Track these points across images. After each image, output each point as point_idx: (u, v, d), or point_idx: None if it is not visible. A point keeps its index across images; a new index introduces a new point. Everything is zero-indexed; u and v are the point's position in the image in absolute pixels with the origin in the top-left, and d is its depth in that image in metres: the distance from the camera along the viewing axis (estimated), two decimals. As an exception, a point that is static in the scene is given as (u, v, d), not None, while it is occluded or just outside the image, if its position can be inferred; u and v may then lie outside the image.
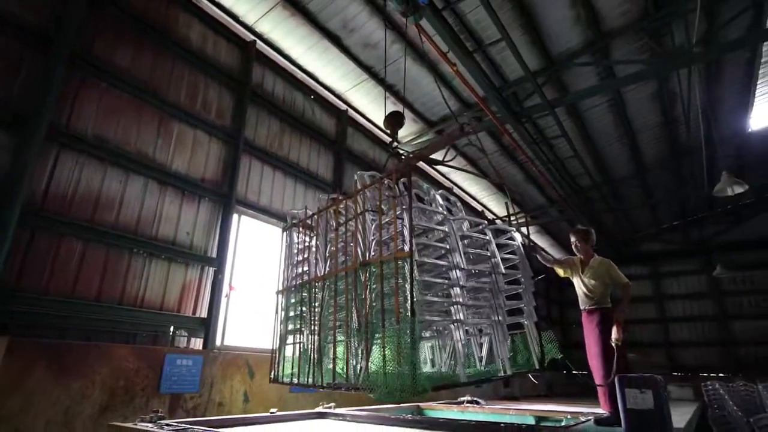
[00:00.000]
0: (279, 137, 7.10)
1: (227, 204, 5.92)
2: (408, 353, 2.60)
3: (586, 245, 4.57)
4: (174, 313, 5.15)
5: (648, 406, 3.10)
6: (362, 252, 3.30)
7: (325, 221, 3.90)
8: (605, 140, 11.34)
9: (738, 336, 15.68)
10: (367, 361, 2.99)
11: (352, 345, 3.21)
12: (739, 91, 10.65)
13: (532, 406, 6.17)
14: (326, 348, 3.54)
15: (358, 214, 3.40)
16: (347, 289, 3.35)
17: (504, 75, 8.62)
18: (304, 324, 3.87)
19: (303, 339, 3.87)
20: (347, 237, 3.56)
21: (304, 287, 3.97)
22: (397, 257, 2.94)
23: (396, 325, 2.77)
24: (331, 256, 3.76)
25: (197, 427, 3.00)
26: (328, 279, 3.64)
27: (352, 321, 3.24)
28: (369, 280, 3.14)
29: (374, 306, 3.08)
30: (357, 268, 3.27)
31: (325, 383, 3.42)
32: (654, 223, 17.57)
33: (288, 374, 4.00)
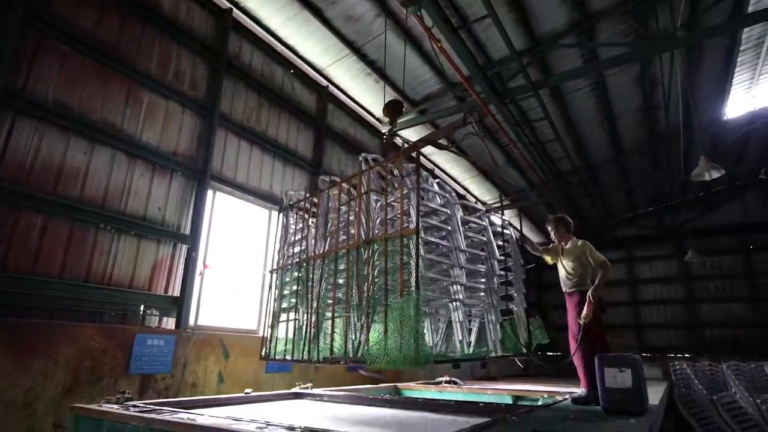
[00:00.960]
0: (256, 112, 6.83)
1: (201, 179, 5.68)
2: (413, 324, 2.71)
3: (562, 231, 4.71)
4: (144, 291, 4.94)
5: (626, 385, 3.10)
6: (365, 230, 3.39)
7: (326, 201, 3.97)
8: (586, 124, 11.38)
9: (704, 318, 16.27)
10: (368, 334, 3.09)
11: (352, 320, 3.31)
12: (718, 79, 10.78)
13: (509, 386, 6.24)
14: (324, 324, 3.62)
15: (363, 193, 3.48)
16: (348, 266, 3.43)
17: (489, 54, 8.48)
18: (301, 301, 3.92)
19: (299, 316, 3.93)
20: (349, 217, 3.66)
21: (301, 266, 4.02)
22: (403, 234, 3.04)
23: (399, 299, 2.88)
24: (330, 236, 3.85)
25: (165, 408, 2.87)
26: (328, 257, 3.71)
27: (352, 297, 3.33)
28: (372, 257, 3.23)
29: (376, 282, 3.18)
30: (360, 245, 3.35)
31: (322, 358, 3.49)
32: (629, 209, 17.92)
33: (281, 351, 4.06)
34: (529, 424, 2.57)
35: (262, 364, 5.69)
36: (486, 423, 2.51)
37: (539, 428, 2.44)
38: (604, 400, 3.15)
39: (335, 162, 8.36)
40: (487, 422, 2.53)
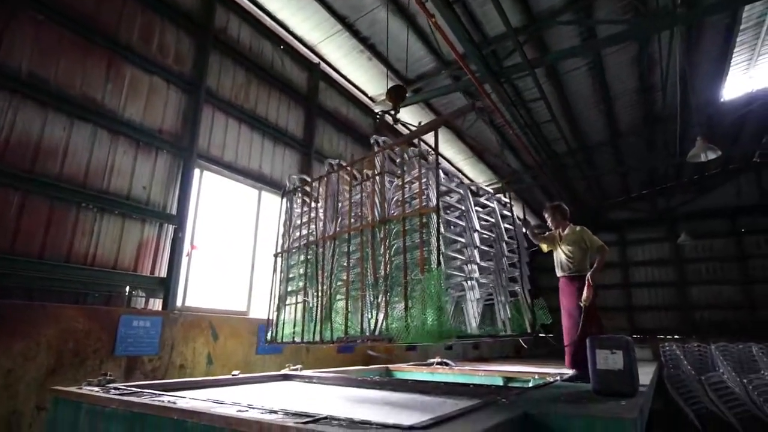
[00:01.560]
0: (245, 89, 6.63)
1: (188, 158, 5.52)
2: (436, 300, 2.76)
3: (559, 219, 4.78)
4: (130, 272, 4.83)
5: (618, 367, 3.06)
6: (379, 211, 3.42)
7: (336, 184, 3.96)
8: (583, 105, 11.23)
9: (695, 301, 16.44)
10: (386, 312, 3.14)
11: (368, 299, 3.35)
12: (717, 59, 10.62)
13: (500, 367, 6.24)
14: (336, 305, 3.65)
15: (376, 174, 3.51)
16: (362, 246, 3.47)
17: (484, 31, 8.27)
18: (310, 284, 3.94)
19: (309, 298, 3.94)
20: (363, 197, 3.69)
21: (309, 248, 4.03)
22: (422, 212, 3.09)
23: (421, 276, 2.93)
24: (341, 216, 3.86)
25: (146, 391, 2.79)
26: (339, 238, 3.73)
27: (367, 276, 3.37)
28: (388, 237, 3.29)
29: (393, 261, 3.24)
30: (375, 225, 3.39)
31: (336, 338, 3.52)
32: (623, 192, 17.91)
33: (289, 333, 4.05)
34: (519, 406, 2.52)
35: (252, 345, 5.65)
36: (475, 405, 2.45)
37: (529, 410, 2.38)
38: (594, 382, 3.12)
39: (327, 142, 8.20)
40: (476, 404, 2.48)
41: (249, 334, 5.63)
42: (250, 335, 5.64)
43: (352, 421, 1.95)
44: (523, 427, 2.32)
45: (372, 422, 1.93)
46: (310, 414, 2.08)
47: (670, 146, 13.61)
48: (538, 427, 2.33)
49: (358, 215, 3.70)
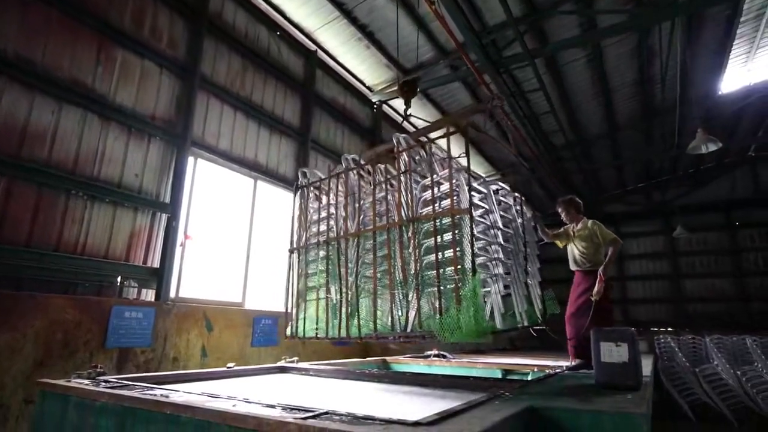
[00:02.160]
0: (241, 75, 6.47)
1: (182, 145, 5.38)
2: (472, 299, 2.87)
3: (573, 213, 4.77)
4: (122, 262, 4.71)
5: (623, 359, 2.99)
6: (406, 210, 3.45)
7: (357, 180, 3.97)
8: (582, 97, 11.14)
9: (688, 293, 16.52)
10: (418, 310, 3.18)
11: (397, 297, 3.39)
12: (716, 52, 10.55)
13: (498, 359, 6.20)
14: (364, 302, 3.68)
15: (402, 172, 3.54)
16: (389, 244, 3.48)
17: (484, 20, 8.13)
18: (332, 280, 3.94)
19: (332, 294, 3.94)
20: (387, 196, 3.71)
21: (330, 244, 4.02)
22: (454, 213, 3.16)
23: (455, 276, 3.01)
24: (363, 213, 3.88)
25: (138, 384, 2.69)
26: (363, 235, 3.74)
27: (396, 274, 3.41)
28: (417, 235, 3.34)
29: (423, 260, 3.27)
30: (402, 224, 3.42)
31: (363, 335, 3.57)
32: (619, 185, 17.90)
33: (311, 329, 4.08)
34: (524, 399, 2.45)
35: (248, 337, 5.57)
36: (479, 399, 2.38)
37: (534, 404, 2.31)
38: (599, 375, 3.05)
39: (323, 131, 8.06)
40: (480, 398, 2.40)
41: (244, 325, 5.54)
42: (246, 327, 5.55)
43: (354, 417, 1.86)
44: (529, 422, 2.25)
45: (375, 417, 1.84)
46: (309, 408, 1.99)
47: (668, 139, 13.57)
48: (543, 422, 2.26)
49: (380, 213, 3.73)
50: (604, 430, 2.15)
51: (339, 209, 4.09)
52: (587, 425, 2.18)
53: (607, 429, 2.13)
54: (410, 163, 3.55)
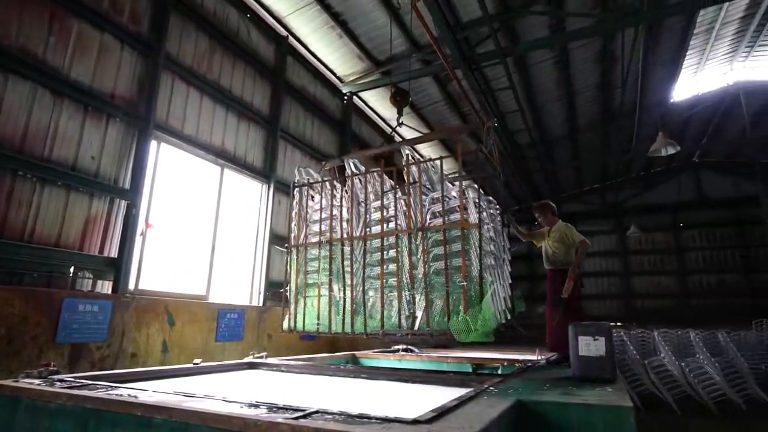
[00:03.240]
0: (208, 58, 6.14)
1: (144, 128, 5.03)
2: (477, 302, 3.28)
3: (548, 216, 5.00)
4: (75, 251, 4.35)
5: (600, 353, 3.06)
6: (415, 219, 3.79)
7: (365, 186, 4.22)
8: (547, 97, 11.43)
9: (636, 290, 17.46)
10: (427, 310, 3.52)
11: (404, 298, 3.69)
12: (671, 61, 11.11)
13: (467, 353, 6.25)
14: (372, 300, 3.93)
15: (411, 184, 3.91)
16: (398, 250, 3.82)
17: (458, 15, 8.12)
18: (336, 278, 4.16)
19: (336, 292, 4.15)
20: (397, 204, 3.99)
21: (333, 244, 4.24)
22: (464, 227, 3.54)
23: (464, 283, 3.40)
24: (368, 216, 4.14)
25: (99, 383, 2.46)
26: (371, 239, 4.02)
27: (404, 277, 3.73)
28: (426, 244, 3.69)
29: (431, 266, 3.62)
30: (411, 232, 3.77)
31: (369, 331, 3.82)
32: (577, 185, 18.62)
33: (312, 324, 4.25)
34: (510, 394, 2.44)
35: (212, 331, 5.32)
36: (469, 394, 2.33)
37: (523, 399, 2.30)
38: (576, 368, 3.10)
39: (293, 120, 7.82)
40: (469, 393, 2.36)
41: (208, 319, 5.29)
42: (210, 321, 5.30)
43: (348, 415, 1.76)
44: (519, 416, 2.23)
45: (371, 415, 1.75)
46: (297, 407, 1.87)
47: (624, 143, 14.20)
48: (532, 415, 2.25)
49: (387, 218, 4.04)
50: (592, 422, 2.16)
51: (342, 211, 4.30)
52: (575, 418, 2.19)
53: (596, 421, 2.15)
54: (420, 175, 3.87)
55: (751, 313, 13.25)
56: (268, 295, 6.55)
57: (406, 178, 3.95)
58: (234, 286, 6.21)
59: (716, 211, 17.02)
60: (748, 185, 16.51)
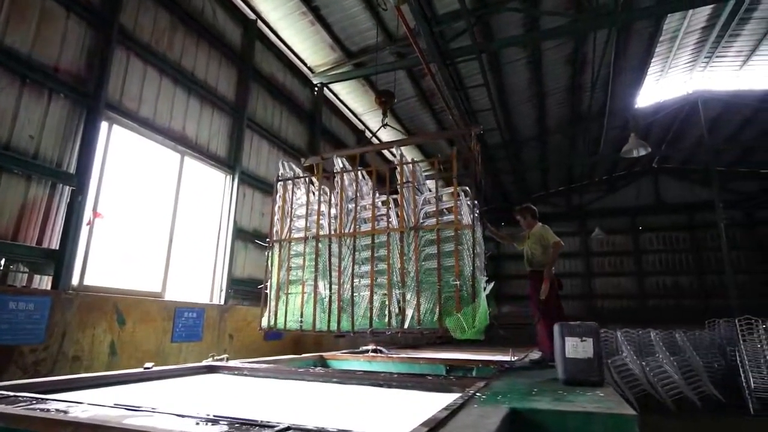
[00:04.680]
0: (169, 36, 5.67)
1: (93, 107, 4.54)
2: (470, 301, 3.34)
3: (529, 219, 5.10)
4: (7, 241, 3.83)
5: (588, 355, 2.91)
6: (407, 218, 3.82)
7: (355, 183, 4.19)
8: (518, 98, 11.46)
9: (597, 290, 17.93)
10: (418, 309, 3.54)
11: (394, 296, 3.69)
12: (638, 67, 11.38)
13: (439, 354, 6.06)
14: (359, 298, 3.90)
15: (405, 182, 3.93)
16: (389, 248, 3.82)
17: (434, 8, 7.95)
18: (322, 275, 4.08)
19: (321, 289, 4.06)
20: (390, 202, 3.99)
21: (320, 241, 4.18)
22: (457, 228, 3.61)
23: (457, 282, 3.45)
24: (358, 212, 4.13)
25: (23, 395, 2.06)
26: (361, 237, 4.00)
27: (394, 276, 3.73)
28: (419, 242, 3.72)
29: (423, 265, 3.67)
30: (404, 231, 3.80)
31: (357, 329, 3.81)
32: (543, 187, 18.95)
33: (294, 321, 4.16)
34: (500, 401, 2.23)
35: (167, 332, 4.88)
36: (457, 402, 2.10)
37: (517, 407, 2.09)
38: (563, 371, 2.94)
39: (261, 109, 7.41)
40: (457, 401, 2.13)
41: (163, 319, 4.85)
42: (165, 320, 4.86)
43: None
44: (514, 427, 2.02)
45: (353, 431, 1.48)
46: (265, 423, 1.58)
47: (590, 146, 14.51)
48: (529, 425, 2.04)
49: (377, 216, 4.03)
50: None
51: (330, 207, 4.25)
52: (574, 427, 2.00)
53: (597, 431, 1.96)
54: (414, 176, 3.90)
55: (704, 313, 13.81)
56: (230, 292, 6.13)
57: (399, 177, 3.96)
58: (193, 283, 5.77)
59: (672, 215, 17.71)
60: (702, 191, 17.29)
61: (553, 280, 4.62)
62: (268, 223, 7.22)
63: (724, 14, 9.93)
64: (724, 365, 10.62)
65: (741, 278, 14.97)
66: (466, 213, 3.66)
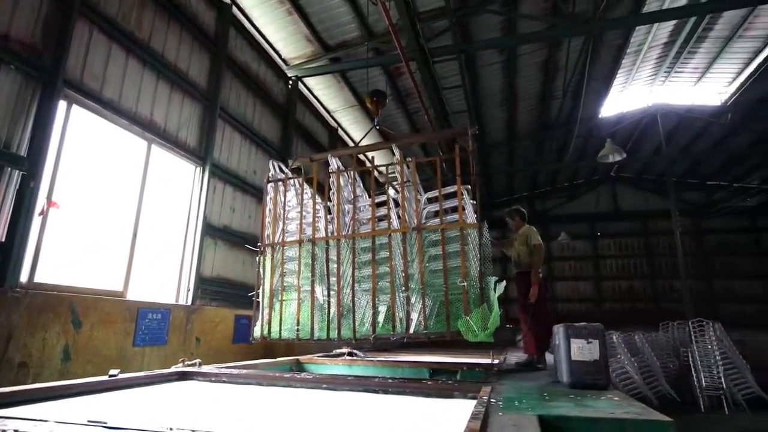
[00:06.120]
0: (137, 13, 5.21)
1: (50, 83, 4.06)
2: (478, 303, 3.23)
3: (518, 221, 5.10)
4: (-56, 230, 3.33)
5: (594, 357, 2.82)
6: (409, 218, 3.71)
7: (353, 185, 4.06)
8: (491, 101, 11.56)
9: (558, 294, 18.42)
10: (424, 312, 3.41)
11: (398, 300, 3.54)
12: (605, 77, 11.77)
13: (421, 357, 5.90)
14: (361, 303, 3.76)
15: (405, 182, 3.83)
16: (391, 250, 3.68)
17: (415, 6, 7.82)
18: (320, 280, 3.91)
19: (319, 294, 3.89)
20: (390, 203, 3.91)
21: (317, 245, 4.02)
22: (462, 227, 3.52)
23: (464, 283, 3.34)
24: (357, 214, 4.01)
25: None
26: (361, 239, 3.85)
27: (397, 278, 3.59)
28: (422, 243, 3.59)
29: (427, 267, 3.55)
30: (407, 231, 3.67)
31: (360, 336, 3.65)
32: (508, 192, 19.30)
33: (289, 329, 3.97)
34: (521, 408, 2.08)
35: (128, 335, 4.45)
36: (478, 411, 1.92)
37: (544, 414, 1.94)
38: (570, 374, 2.83)
39: (234, 98, 7.00)
40: (477, 410, 1.95)
41: (125, 320, 4.41)
42: (127, 322, 4.42)
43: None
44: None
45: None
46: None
47: (556, 153, 14.89)
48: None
49: (377, 218, 3.93)
50: (625, 440, 1.85)
51: (325, 209, 4.12)
52: (608, 436, 1.87)
53: (632, 440, 1.84)
54: (415, 175, 3.81)
55: (656, 316, 14.46)
56: (198, 292, 5.71)
57: (400, 177, 3.85)
58: (158, 282, 5.32)
59: (628, 222, 18.50)
60: (656, 200, 18.17)
61: (541, 283, 4.59)
62: (238, 219, 6.89)
63: (685, 30, 10.44)
64: (677, 365, 11.10)
65: (690, 283, 15.81)
66: (470, 212, 3.58)
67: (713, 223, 17.32)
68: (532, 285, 4.55)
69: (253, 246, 4.92)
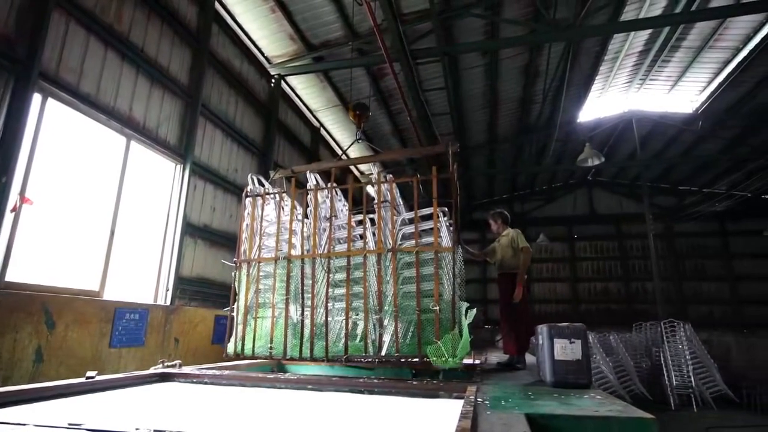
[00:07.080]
0: (116, 6, 5.07)
1: (23, 74, 3.91)
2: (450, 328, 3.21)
3: (500, 223, 5.18)
4: None
5: (576, 357, 2.88)
6: (385, 239, 3.66)
7: (330, 201, 3.98)
8: (472, 104, 11.68)
9: (535, 295, 18.73)
10: (396, 335, 3.40)
11: (371, 321, 3.53)
12: (584, 83, 12.05)
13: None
14: (335, 323, 3.74)
15: (382, 202, 3.76)
16: (366, 271, 3.65)
17: (400, 7, 7.86)
18: (294, 298, 3.87)
19: (293, 313, 3.85)
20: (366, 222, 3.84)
21: (292, 262, 3.96)
22: (437, 251, 3.46)
23: (437, 307, 3.30)
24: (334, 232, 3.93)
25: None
26: (335, 258, 3.79)
27: (371, 300, 3.57)
28: (396, 265, 3.56)
29: (401, 289, 3.50)
30: (381, 252, 3.61)
31: (332, 357, 3.61)
32: (488, 194, 19.53)
33: (263, 347, 3.92)
34: (506, 407, 2.10)
35: (104, 336, 4.32)
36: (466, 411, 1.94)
37: (530, 413, 1.97)
38: (553, 374, 2.89)
39: (216, 96, 6.89)
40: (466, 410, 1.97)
41: (101, 321, 4.29)
42: (103, 323, 4.30)
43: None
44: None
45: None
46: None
47: (535, 156, 15.14)
48: (545, 431, 1.93)
49: (353, 237, 3.86)
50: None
51: (303, 226, 4.03)
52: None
53: (616, 437, 1.89)
54: (393, 196, 3.73)
55: (630, 316, 14.86)
56: (177, 292, 5.60)
57: (377, 196, 3.80)
58: (136, 281, 5.19)
59: (603, 225, 18.96)
60: (629, 204, 18.69)
61: (524, 284, 4.68)
62: (219, 218, 6.78)
63: (659, 39, 10.77)
64: (650, 365, 11.44)
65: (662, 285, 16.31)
66: (446, 235, 3.54)
67: (684, 226, 17.89)
68: (516, 286, 4.60)
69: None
